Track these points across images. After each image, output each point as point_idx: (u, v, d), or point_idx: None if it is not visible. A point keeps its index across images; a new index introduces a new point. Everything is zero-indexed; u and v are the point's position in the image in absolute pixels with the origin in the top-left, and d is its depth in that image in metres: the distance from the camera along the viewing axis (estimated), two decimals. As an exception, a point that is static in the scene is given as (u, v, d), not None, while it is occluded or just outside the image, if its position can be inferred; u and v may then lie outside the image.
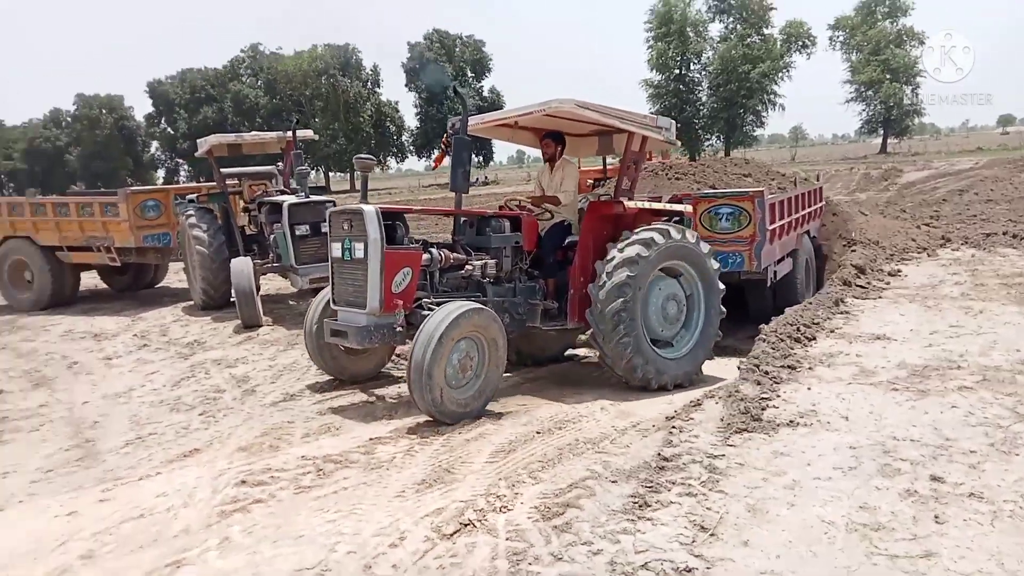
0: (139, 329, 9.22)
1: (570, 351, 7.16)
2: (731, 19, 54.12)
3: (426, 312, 5.07)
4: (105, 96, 71.30)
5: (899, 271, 9.13)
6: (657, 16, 53.26)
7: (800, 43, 53.18)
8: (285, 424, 5.12)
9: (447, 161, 6.37)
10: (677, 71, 54.81)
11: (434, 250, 5.52)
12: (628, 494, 3.50)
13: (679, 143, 9.78)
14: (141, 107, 69.67)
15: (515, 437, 4.56)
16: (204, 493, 3.83)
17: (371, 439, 4.65)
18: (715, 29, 55.26)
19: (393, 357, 6.49)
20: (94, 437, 5.20)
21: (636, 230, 5.77)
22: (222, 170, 10.69)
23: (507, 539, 3.15)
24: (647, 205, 6.37)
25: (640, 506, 3.35)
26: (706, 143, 56.85)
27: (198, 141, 10.71)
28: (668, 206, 6.58)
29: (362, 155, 5.46)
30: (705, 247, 6.09)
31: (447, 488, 3.76)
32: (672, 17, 52.69)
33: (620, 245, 5.65)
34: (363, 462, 4.21)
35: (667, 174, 9.23)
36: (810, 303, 7.16)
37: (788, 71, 53.33)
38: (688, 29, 53.59)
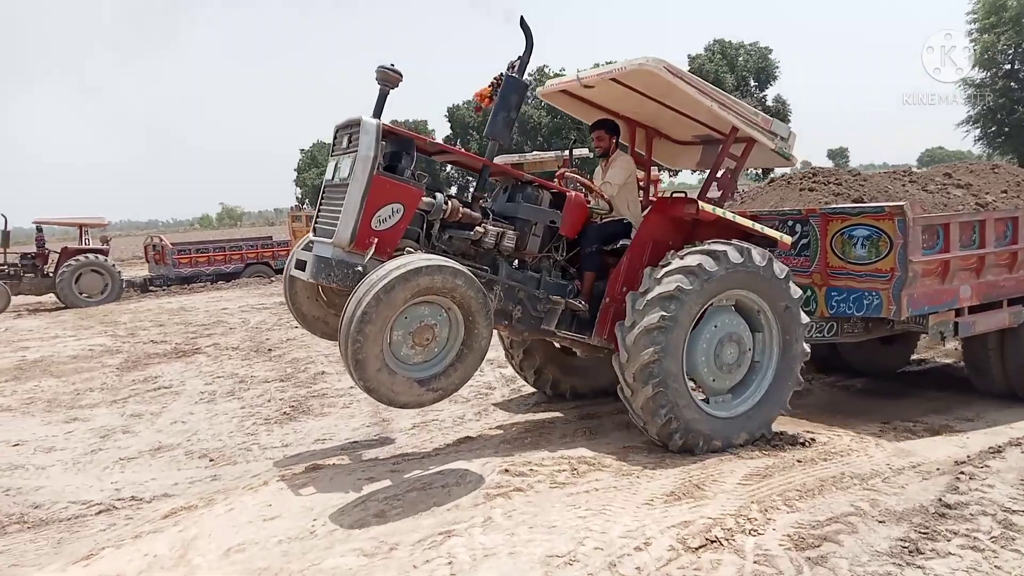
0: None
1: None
2: (1092, -4, 44.23)
3: None
4: (413, 121, 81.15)
5: None
6: (984, 5, 45.75)
7: None
8: (546, 423, 5.47)
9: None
10: (1008, 66, 46.80)
11: (440, 195, 4.52)
12: (897, 537, 3.22)
13: (798, 160, 5.68)
14: (441, 130, 77.64)
15: (773, 463, 4.39)
16: (473, 476, 4.28)
17: (625, 447, 4.79)
18: (1067, 11, 45.72)
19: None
20: (389, 418, 6.02)
21: (692, 247, 4.63)
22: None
23: (755, 562, 3.09)
24: (730, 216, 4.91)
25: (910, 552, 3.08)
26: (1042, 149, 47.81)
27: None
28: (759, 227, 5.07)
29: (386, 65, 4.41)
30: (782, 271, 4.77)
31: (696, 503, 3.76)
32: (1006, 4, 44.86)
33: (683, 252, 4.60)
34: (615, 467, 4.37)
35: (800, 183, 6.63)
36: None
37: None
38: (1028, 16, 44.95)
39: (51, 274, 16.30)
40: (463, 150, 4.94)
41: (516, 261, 4.93)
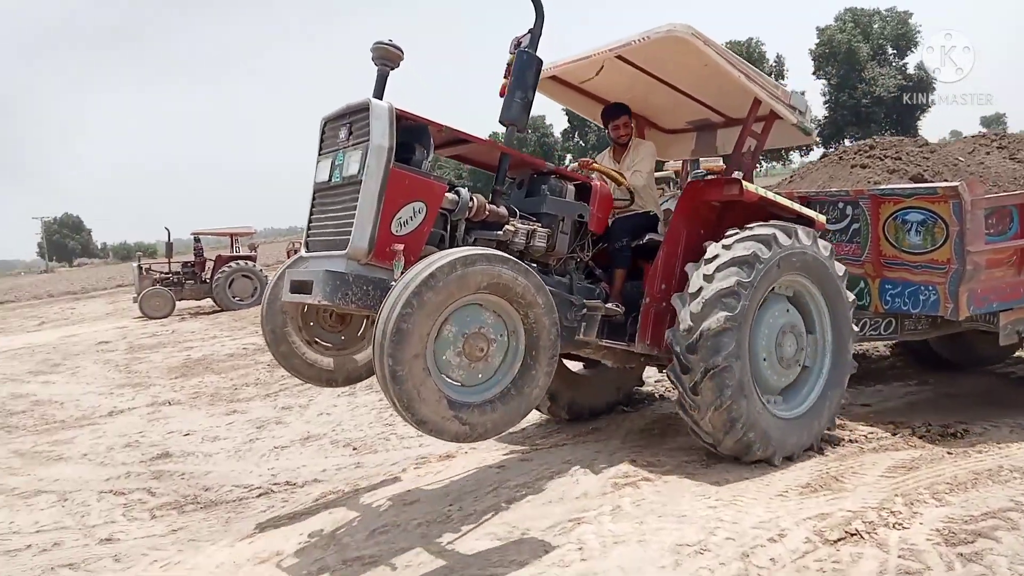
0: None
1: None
2: None
3: None
4: (533, 117, 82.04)
5: None
6: None
7: None
8: (673, 415, 5.41)
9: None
10: None
11: (464, 191, 3.84)
12: (1065, 535, 2.97)
13: (818, 138, 5.19)
14: (559, 124, 78.38)
15: (920, 454, 4.16)
16: (601, 465, 4.33)
17: (756, 437, 4.68)
18: None
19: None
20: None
21: (734, 234, 4.18)
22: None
23: (899, 556, 2.96)
24: (772, 196, 4.47)
25: (1081, 552, 2.83)
26: None
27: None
28: (795, 207, 4.61)
29: (384, 41, 3.70)
30: (826, 248, 4.39)
31: (833, 496, 3.64)
32: None
33: (727, 241, 4.13)
34: (746, 458, 4.28)
35: (853, 159, 5.76)
36: None
37: None
38: None
39: (208, 280, 17.86)
40: (475, 136, 4.07)
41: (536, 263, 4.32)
